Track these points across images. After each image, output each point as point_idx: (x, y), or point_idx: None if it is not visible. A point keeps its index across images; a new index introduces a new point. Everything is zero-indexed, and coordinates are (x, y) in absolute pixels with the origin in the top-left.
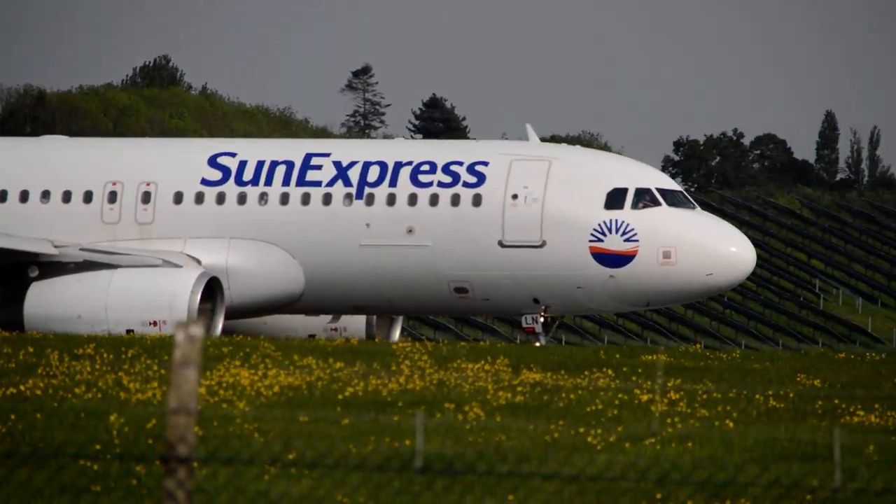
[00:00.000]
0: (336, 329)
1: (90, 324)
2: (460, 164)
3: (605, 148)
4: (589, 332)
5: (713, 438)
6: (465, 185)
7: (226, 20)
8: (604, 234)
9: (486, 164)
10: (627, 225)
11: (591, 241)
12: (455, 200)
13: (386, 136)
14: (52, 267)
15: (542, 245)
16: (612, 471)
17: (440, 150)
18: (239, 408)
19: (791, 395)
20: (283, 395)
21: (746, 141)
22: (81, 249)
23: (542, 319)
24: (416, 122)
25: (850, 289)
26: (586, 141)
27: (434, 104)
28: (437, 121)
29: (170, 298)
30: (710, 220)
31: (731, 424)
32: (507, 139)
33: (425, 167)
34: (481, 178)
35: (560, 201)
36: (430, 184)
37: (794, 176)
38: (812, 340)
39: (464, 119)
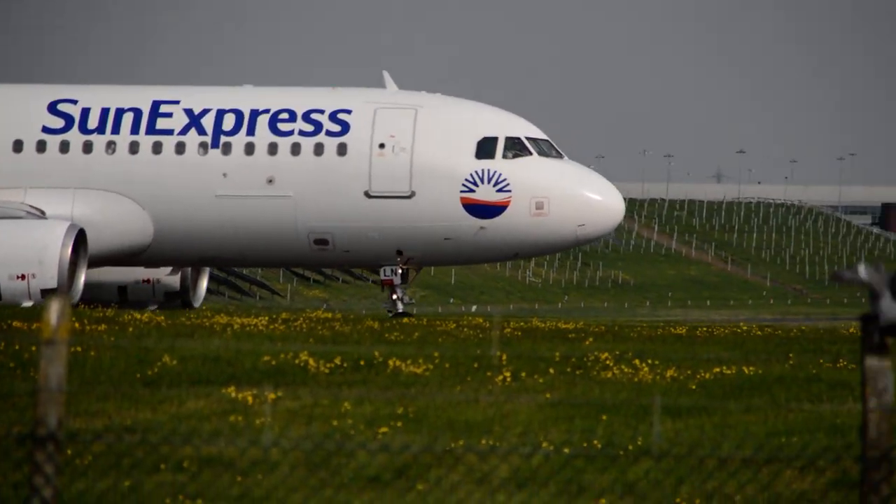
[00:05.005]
0: (149, 281)
1: None
2: (321, 112)
3: None
4: None
5: None
6: (329, 133)
7: None
8: (475, 184)
9: (349, 112)
10: (500, 175)
11: (462, 191)
12: (318, 150)
13: None
14: None
15: (411, 196)
16: None
17: (299, 98)
18: None
19: None
20: None
21: None
22: None
23: (400, 271)
24: None
25: None
26: None
27: None
28: None
29: (39, 251)
30: (580, 170)
31: None
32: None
33: (284, 115)
34: (345, 127)
35: (430, 150)
36: (290, 132)
37: None
38: None
39: None
